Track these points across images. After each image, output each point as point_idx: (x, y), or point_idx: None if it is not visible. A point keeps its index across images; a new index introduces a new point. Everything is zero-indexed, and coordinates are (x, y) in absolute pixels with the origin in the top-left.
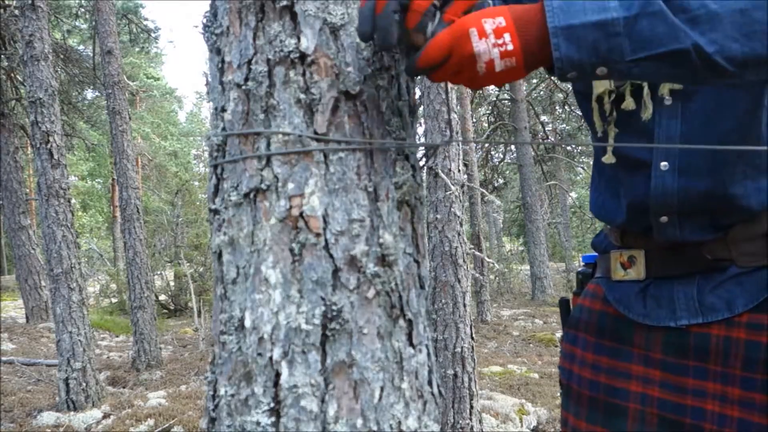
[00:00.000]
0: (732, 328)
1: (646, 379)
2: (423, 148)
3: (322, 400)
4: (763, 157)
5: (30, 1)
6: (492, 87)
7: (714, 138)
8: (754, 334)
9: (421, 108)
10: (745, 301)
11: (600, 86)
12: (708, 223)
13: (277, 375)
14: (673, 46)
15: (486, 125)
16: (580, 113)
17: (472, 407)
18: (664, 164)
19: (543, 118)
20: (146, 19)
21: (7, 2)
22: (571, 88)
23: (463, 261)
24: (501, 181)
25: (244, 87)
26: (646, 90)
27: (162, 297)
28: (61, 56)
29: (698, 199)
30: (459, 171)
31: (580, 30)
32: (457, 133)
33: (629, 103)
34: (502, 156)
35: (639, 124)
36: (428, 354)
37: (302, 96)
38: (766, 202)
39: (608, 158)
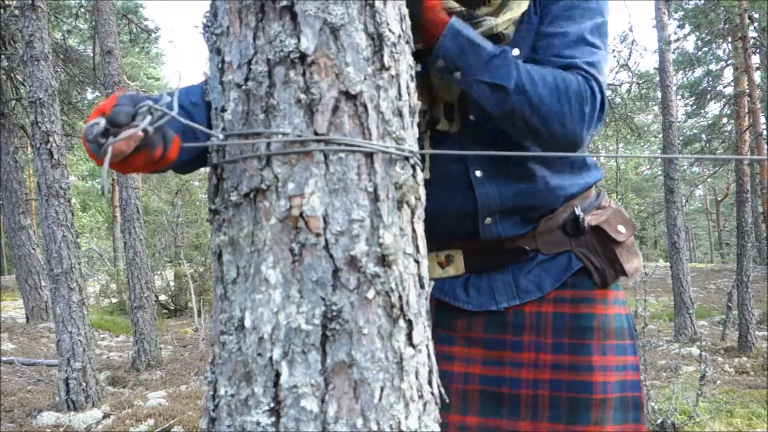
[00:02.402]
0: (542, 304)
1: (468, 359)
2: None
3: (322, 400)
4: (560, 162)
5: (30, 1)
6: None
7: (504, 145)
8: (559, 307)
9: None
10: (551, 282)
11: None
12: (520, 220)
13: (277, 375)
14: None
15: None
16: None
17: None
18: (478, 173)
19: None
20: (146, 19)
21: (7, 2)
22: None
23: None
24: None
25: (244, 87)
26: (456, 107)
27: (162, 297)
28: (61, 56)
29: (512, 199)
30: None
31: (464, 38)
32: None
33: (444, 125)
34: None
35: (448, 138)
36: (428, 354)
37: (302, 96)
38: (562, 200)
39: (426, 174)
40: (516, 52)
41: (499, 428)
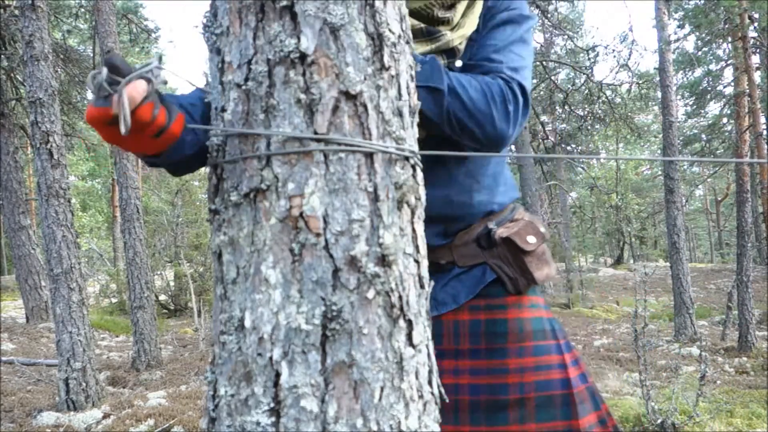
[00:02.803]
0: (458, 313)
1: None
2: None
3: (322, 400)
4: (487, 176)
5: (30, 1)
6: None
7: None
8: (474, 315)
9: None
10: (466, 294)
11: None
12: (441, 232)
13: (277, 375)
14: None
15: None
16: (580, 113)
17: None
18: None
19: (543, 118)
20: (146, 19)
21: (7, 2)
22: (570, 87)
23: None
24: None
25: (244, 87)
26: None
27: (162, 297)
28: (61, 56)
29: (438, 206)
30: None
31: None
32: None
33: None
34: None
35: None
36: (428, 354)
37: (302, 96)
38: (481, 215)
39: None
40: (459, 63)
41: None
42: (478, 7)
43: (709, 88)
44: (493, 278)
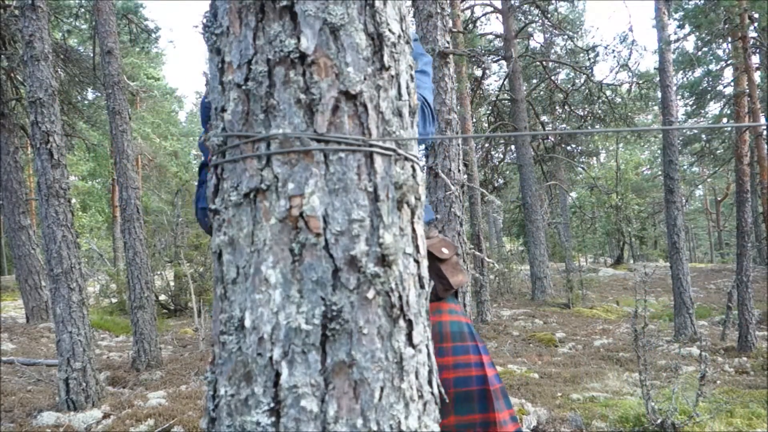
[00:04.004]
0: (440, 315)
1: None
2: (424, 148)
3: (322, 400)
4: None
5: (30, 1)
6: (493, 86)
7: None
8: (454, 317)
9: None
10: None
11: None
12: None
13: (277, 375)
14: None
15: (486, 125)
16: (580, 113)
17: None
18: None
19: (543, 118)
20: (146, 19)
21: (7, 2)
22: (570, 87)
23: (463, 261)
24: (501, 181)
25: (244, 87)
26: None
27: (162, 297)
28: (61, 56)
29: None
30: (459, 171)
31: None
32: (456, 132)
33: None
34: (502, 156)
35: None
36: (428, 354)
37: (302, 96)
38: None
39: None
40: None
41: None
42: None
43: (709, 88)
44: None
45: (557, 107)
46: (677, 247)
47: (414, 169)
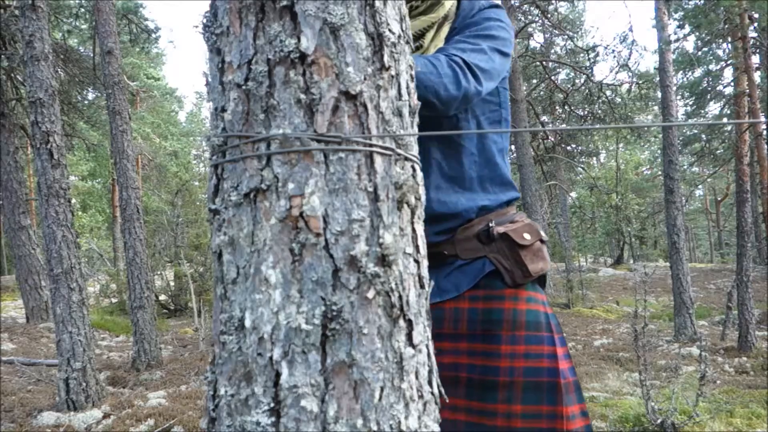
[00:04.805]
0: (459, 301)
1: None
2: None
3: (322, 400)
4: (466, 180)
5: (30, 1)
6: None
7: (441, 159)
8: (473, 303)
9: None
10: (467, 283)
11: None
12: (442, 229)
13: (277, 375)
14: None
15: None
16: (580, 113)
17: None
18: None
19: (543, 118)
20: (146, 19)
21: (7, 2)
22: (570, 87)
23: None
24: None
25: (244, 87)
26: None
27: (162, 297)
28: (61, 56)
29: (436, 207)
30: None
31: None
32: None
33: None
34: None
35: None
36: (428, 354)
37: (302, 96)
38: (475, 212)
39: None
40: None
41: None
42: (444, 30)
43: (709, 88)
44: (491, 270)
45: (557, 107)
46: (677, 247)
47: (414, 169)
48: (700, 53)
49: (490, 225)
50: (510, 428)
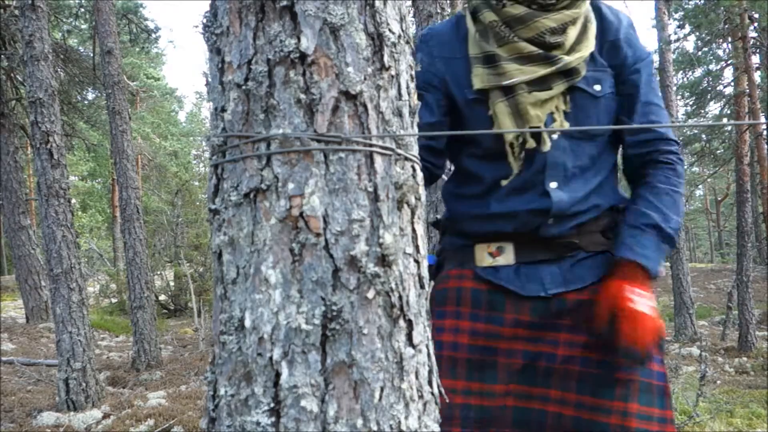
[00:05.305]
0: (582, 293)
1: (513, 337)
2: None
3: (322, 400)
4: (598, 180)
5: (30, 1)
6: None
7: (587, 167)
8: (595, 297)
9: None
10: (592, 276)
11: (511, 135)
12: (572, 223)
13: (277, 375)
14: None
15: None
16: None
17: None
18: (553, 184)
19: None
20: (146, 19)
21: (7, 2)
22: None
23: None
24: None
25: (244, 87)
26: (544, 135)
27: (162, 297)
28: (61, 56)
29: (572, 207)
30: None
31: (653, 261)
32: None
33: (531, 144)
34: None
35: (535, 157)
36: (428, 354)
37: (302, 96)
38: (604, 210)
39: (506, 182)
40: (598, 87)
41: (531, 395)
42: (591, 31)
43: (709, 88)
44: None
45: None
46: (677, 247)
47: (414, 169)
48: (700, 53)
49: (618, 221)
50: (624, 427)
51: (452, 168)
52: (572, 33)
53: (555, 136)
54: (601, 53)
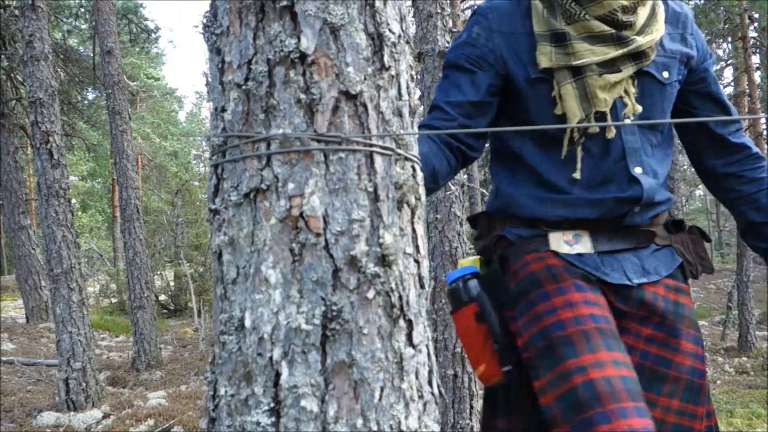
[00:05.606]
0: (656, 286)
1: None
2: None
3: (322, 400)
4: (664, 170)
5: (30, 1)
6: None
7: (656, 145)
8: (667, 292)
9: (421, 108)
10: (664, 269)
11: (574, 117)
12: (652, 212)
13: (277, 375)
14: None
15: None
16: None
17: (472, 407)
18: (638, 169)
19: None
20: (146, 19)
21: (7, 2)
22: None
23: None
24: None
25: (244, 87)
26: (609, 117)
27: (162, 297)
28: (61, 56)
29: (657, 194)
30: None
31: None
32: None
33: (594, 129)
34: None
35: (601, 142)
36: (428, 354)
37: (302, 96)
38: (672, 201)
39: (577, 174)
40: (666, 74)
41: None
42: (660, 13)
43: None
44: (679, 262)
45: None
46: None
47: (414, 169)
48: None
49: (681, 216)
50: (663, 420)
51: (493, 152)
52: (642, 13)
53: (631, 117)
54: (670, 40)
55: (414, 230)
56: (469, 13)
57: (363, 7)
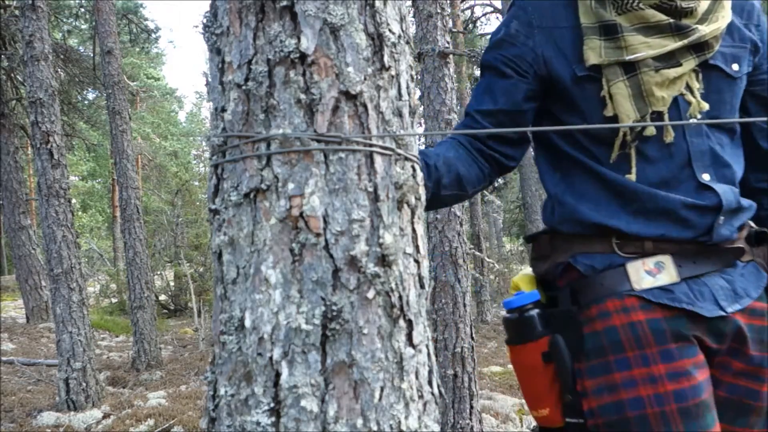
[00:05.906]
0: (743, 312)
1: (704, 364)
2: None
3: (322, 400)
4: (739, 174)
5: (30, 1)
6: None
7: (727, 145)
8: (752, 318)
9: (421, 108)
10: (754, 289)
11: (627, 119)
12: (737, 223)
13: (277, 375)
14: None
15: None
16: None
17: (472, 407)
18: (705, 176)
19: None
20: (146, 19)
21: (7, 2)
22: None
23: (463, 261)
24: (501, 181)
25: (244, 87)
26: (666, 117)
27: (162, 297)
28: (61, 56)
29: (736, 200)
30: None
31: None
32: None
33: (651, 130)
34: None
35: (673, 147)
36: (428, 354)
37: (302, 96)
38: (754, 209)
39: (632, 176)
40: (736, 67)
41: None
42: (727, 5)
43: None
44: (766, 279)
45: None
46: None
47: (414, 169)
48: None
49: (764, 228)
50: None
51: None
52: None
53: (699, 116)
54: (740, 28)
55: (414, 230)
56: (468, 13)
57: (363, 7)
